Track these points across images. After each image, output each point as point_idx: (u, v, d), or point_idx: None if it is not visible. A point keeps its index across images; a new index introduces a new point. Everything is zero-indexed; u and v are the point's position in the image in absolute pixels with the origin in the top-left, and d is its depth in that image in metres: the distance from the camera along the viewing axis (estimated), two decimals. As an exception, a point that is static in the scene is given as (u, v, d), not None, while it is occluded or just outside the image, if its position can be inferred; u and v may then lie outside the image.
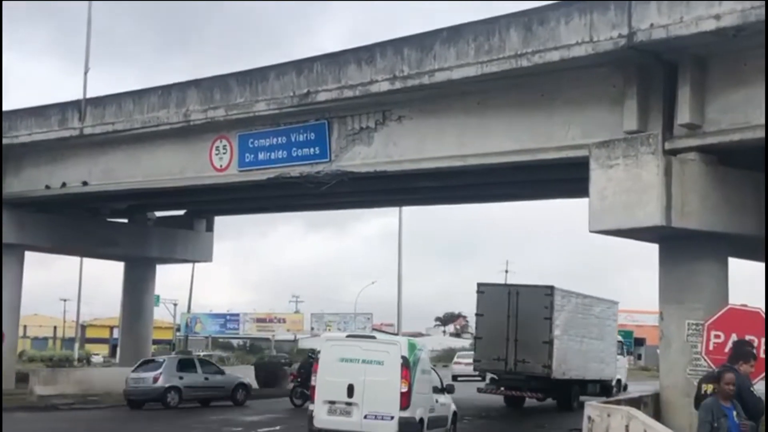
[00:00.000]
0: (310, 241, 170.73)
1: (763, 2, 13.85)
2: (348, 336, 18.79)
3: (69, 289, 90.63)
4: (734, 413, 8.95)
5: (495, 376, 28.69)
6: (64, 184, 27.11)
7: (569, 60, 16.39)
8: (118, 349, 39.70)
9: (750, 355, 10.59)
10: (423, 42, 18.61)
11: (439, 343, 77.92)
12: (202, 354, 51.02)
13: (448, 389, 18.76)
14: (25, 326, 41.10)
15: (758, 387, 11.20)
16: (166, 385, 27.67)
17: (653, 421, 14.35)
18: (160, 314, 54.07)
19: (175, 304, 70.82)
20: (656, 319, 18.51)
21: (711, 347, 12.91)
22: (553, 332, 26.61)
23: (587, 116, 17.38)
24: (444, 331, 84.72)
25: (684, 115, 15.85)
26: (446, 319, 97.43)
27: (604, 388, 30.66)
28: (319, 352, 17.77)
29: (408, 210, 49.58)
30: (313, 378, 16.35)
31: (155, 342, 42.06)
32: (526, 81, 17.74)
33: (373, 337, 18.48)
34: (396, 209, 48.82)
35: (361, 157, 20.73)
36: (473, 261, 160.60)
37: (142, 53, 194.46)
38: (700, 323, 14.44)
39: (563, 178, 21.24)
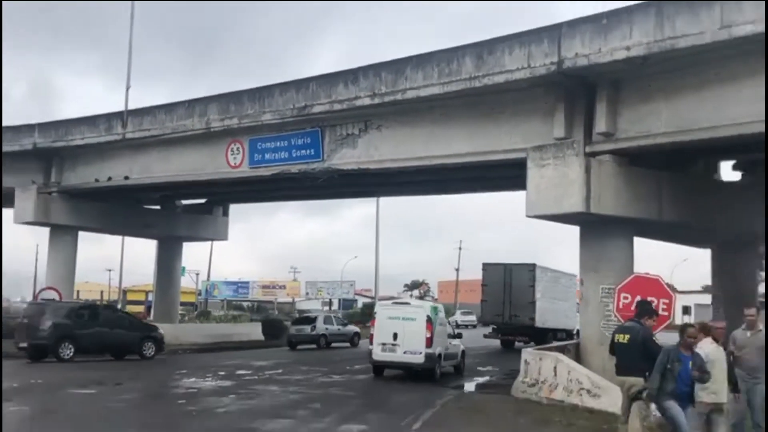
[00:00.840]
0: (307, 224, 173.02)
1: (664, 38, 14.22)
2: (393, 303, 23.66)
3: (113, 261, 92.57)
4: (690, 363, 8.80)
5: (495, 326, 32.95)
6: (109, 178, 27.22)
7: (512, 82, 16.63)
8: (152, 309, 39.87)
9: (652, 312, 10.92)
10: (397, 66, 18.84)
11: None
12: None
13: (458, 336, 22.27)
14: (78, 291, 41.04)
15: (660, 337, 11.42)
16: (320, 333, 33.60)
17: (575, 363, 14.86)
18: (185, 282, 54.34)
19: (198, 274, 71.39)
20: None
21: (620, 306, 13.18)
22: (535, 296, 30.84)
23: (526, 126, 17.59)
24: (411, 295, 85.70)
25: (601, 125, 16.20)
26: (412, 286, 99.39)
27: (568, 335, 32.17)
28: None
29: (384, 199, 50.87)
30: (371, 329, 20.35)
31: (181, 304, 42.21)
32: (479, 98, 17.90)
33: (409, 303, 22.47)
34: (375, 198, 49.93)
35: (347, 157, 20.97)
36: (435, 240, 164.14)
37: (172, 73, 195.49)
38: (611, 287, 14.88)
39: (508, 175, 21.47)
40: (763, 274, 24.17)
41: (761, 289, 24.21)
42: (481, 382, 20.39)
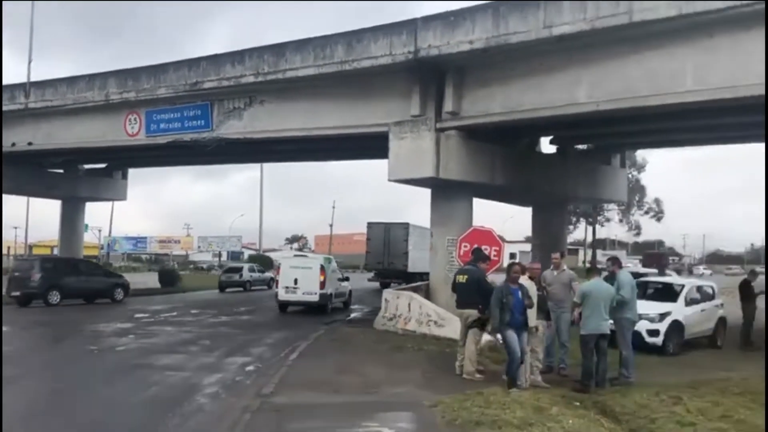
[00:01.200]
0: (199, 186, 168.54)
1: (499, 34, 14.70)
2: (294, 256, 26.21)
3: (19, 219, 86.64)
4: (519, 293, 9.24)
5: (376, 272, 34.40)
6: (13, 144, 25.18)
7: (377, 66, 16.66)
8: (57, 263, 37.72)
9: (486, 257, 11.45)
10: (278, 50, 18.41)
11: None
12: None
13: (346, 279, 24.29)
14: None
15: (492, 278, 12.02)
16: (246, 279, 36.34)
17: (425, 300, 15.35)
18: (89, 237, 51.45)
19: (100, 230, 68.08)
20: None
21: (461, 253, 13.73)
22: (408, 248, 32.46)
23: (389, 104, 17.64)
24: (291, 248, 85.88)
25: (448, 105, 16.49)
26: (292, 239, 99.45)
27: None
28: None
29: (268, 165, 50.66)
30: (276, 276, 22.73)
31: (85, 257, 40.04)
32: (351, 79, 17.72)
33: (306, 256, 25.41)
34: (259, 164, 49.74)
35: (234, 128, 20.38)
36: (313, 200, 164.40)
37: (76, 49, 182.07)
38: (455, 239, 15.44)
39: (375, 145, 21.69)
40: (571, 227, 25.87)
41: (586, 238, 25.73)
42: (352, 318, 20.73)
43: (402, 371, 10.46)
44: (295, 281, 20.79)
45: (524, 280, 9.59)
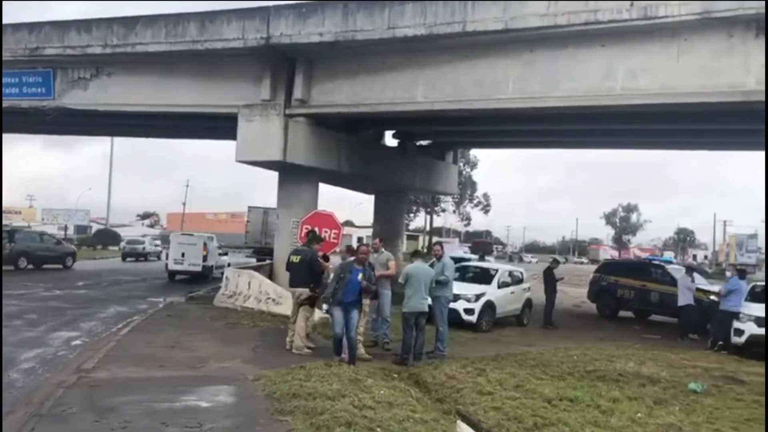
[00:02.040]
0: (46, 156, 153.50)
1: (347, 30, 14.65)
2: (182, 234, 26.99)
3: None
4: (360, 274, 9.12)
5: (254, 250, 33.52)
6: None
7: (229, 49, 15.95)
8: None
9: (319, 239, 11.30)
10: (128, 22, 17.00)
11: (142, 233, 74.28)
12: None
13: (225, 254, 27.84)
14: None
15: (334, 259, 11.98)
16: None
17: (265, 278, 15.03)
18: None
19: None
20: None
21: (303, 235, 13.49)
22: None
23: (240, 87, 16.99)
24: (143, 224, 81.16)
25: (297, 93, 16.22)
26: (144, 216, 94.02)
27: None
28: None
29: (121, 140, 47.27)
30: (168, 249, 25.35)
31: None
32: (203, 59, 16.83)
33: (192, 234, 26.26)
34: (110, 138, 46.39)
35: (78, 98, 18.60)
36: (166, 178, 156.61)
37: None
38: (299, 220, 15.25)
39: (228, 126, 20.87)
40: (411, 215, 26.61)
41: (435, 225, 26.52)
42: (193, 294, 19.76)
43: (233, 347, 10.15)
44: (183, 254, 23.85)
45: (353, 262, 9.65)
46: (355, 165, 18.84)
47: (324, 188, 23.28)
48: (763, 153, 18.30)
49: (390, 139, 22.67)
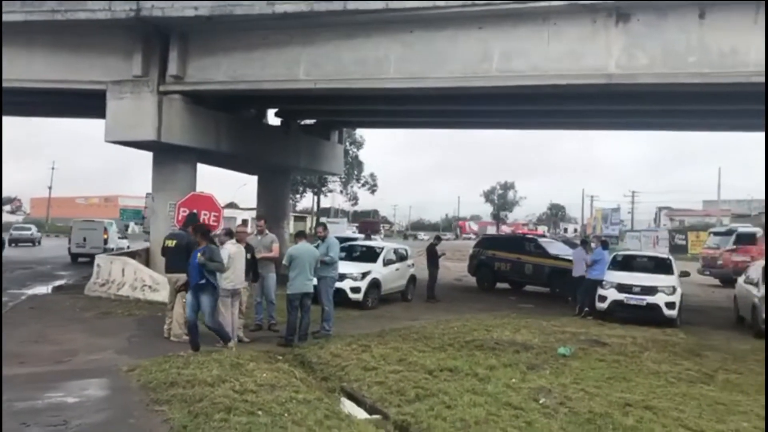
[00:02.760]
0: None
1: (225, 4, 14.08)
2: (83, 221, 28.39)
3: None
4: (199, 254, 8.65)
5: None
6: None
7: (94, 21, 14.81)
8: None
9: (197, 222, 10.89)
10: (-24, -13, 15.43)
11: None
12: None
13: (126, 237, 31.35)
14: None
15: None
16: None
17: (140, 264, 14.32)
18: None
19: None
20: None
21: (180, 218, 12.95)
22: None
23: (108, 62, 15.89)
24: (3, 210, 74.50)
25: (172, 69, 15.44)
26: (5, 201, 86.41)
27: None
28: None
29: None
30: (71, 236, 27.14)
31: None
32: (66, 31, 15.58)
33: (93, 221, 28.21)
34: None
35: None
36: (30, 160, 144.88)
37: None
38: (174, 203, 14.59)
39: (97, 104, 19.48)
40: (298, 196, 26.23)
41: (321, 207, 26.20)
42: (62, 284, 18.40)
43: (105, 338, 9.56)
44: (84, 239, 26.41)
45: (230, 244, 9.38)
46: (235, 145, 18.29)
47: (205, 169, 22.51)
48: (625, 131, 19.77)
49: (273, 119, 22.23)
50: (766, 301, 12.18)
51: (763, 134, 18.07)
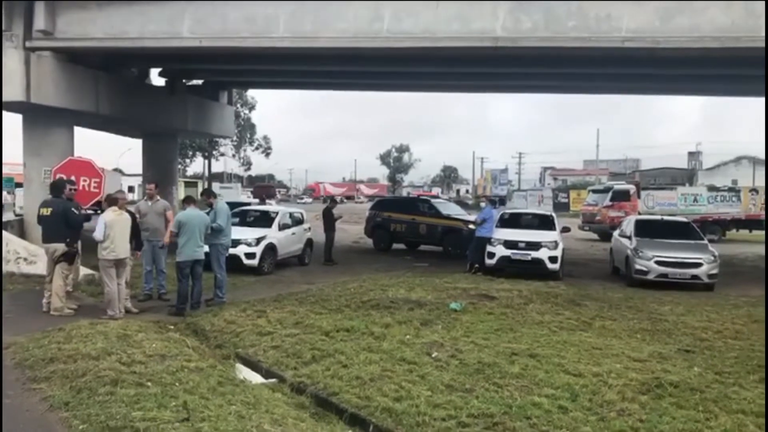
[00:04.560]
0: None
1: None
2: None
3: None
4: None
5: None
6: None
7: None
8: None
9: (63, 186, 9.99)
10: None
11: None
12: None
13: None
14: None
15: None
16: None
17: (13, 236, 13.27)
18: None
19: None
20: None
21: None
22: None
23: (-37, 13, 14.49)
24: None
25: (39, 23, 14.22)
26: None
27: None
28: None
29: None
30: None
31: None
32: None
33: None
34: None
35: None
36: None
37: None
38: (50, 169, 13.61)
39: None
40: (188, 161, 25.00)
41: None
42: None
43: (-26, 315, 8.83)
44: None
45: (109, 212, 8.90)
46: (116, 106, 17.20)
47: (85, 133, 21.09)
48: (513, 94, 20.48)
49: (157, 79, 21.06)
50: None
51: (631, 95, 19.33)
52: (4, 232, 13.15)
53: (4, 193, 53.02)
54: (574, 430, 5.14)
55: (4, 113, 16.21)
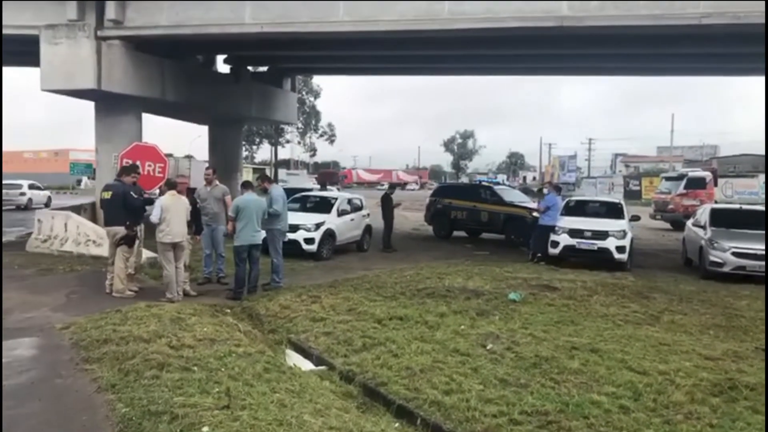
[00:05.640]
0: None
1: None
2: None
3: None
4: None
5: None
6: None
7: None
8: None
9: (129, 171, 10.19)
10: None
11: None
12: None
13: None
14: None
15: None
16: None
17: (83, 219, 13.75)
18: None
19: None
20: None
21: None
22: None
23: (41, 5, 14.97)
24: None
25: (110, 12, 14.62)
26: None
27: None
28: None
29: None
30: None
31: None
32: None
33: None
34: None
35: None
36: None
37: None
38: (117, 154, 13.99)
39: (27, 50, 18.39)
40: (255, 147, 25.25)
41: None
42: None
43: (43, 295, 9.13)
44: None
45: (168, 195, 8.99)
46: (182, 93, 17.53)
47: (159, 121, 21.66)
48: (582, 77, 19.63)
49: (222, 66, 21.37)
50: None
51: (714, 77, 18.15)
52: (75, 215, 13.68)
53: (84, 179, 55.03)
54: (635, 433, 4.76)
55: (79, 101, 16.88)
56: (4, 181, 43.29)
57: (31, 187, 31.38)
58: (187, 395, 4.71)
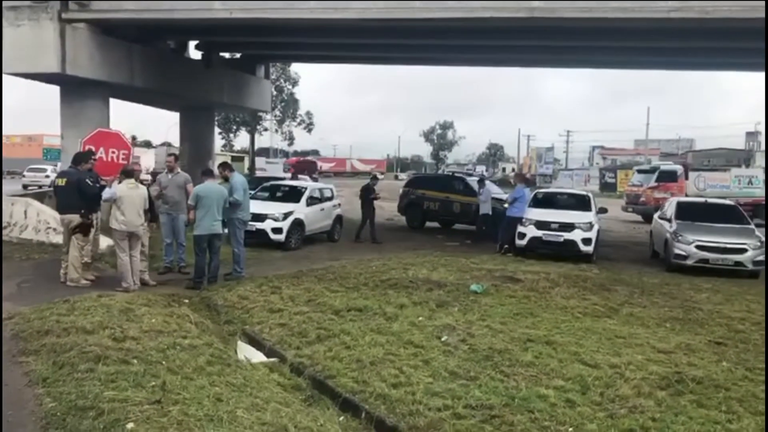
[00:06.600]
0: None
1: None
2: None
3: None
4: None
5: None
6: None
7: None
8: None
9: (83, 158, 9.92)
10: None
11: None
12: None
13: None
14: None
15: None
16: None
17: (43, 206, 13.32)
18: None
19: None
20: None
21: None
22: None
23: (2, -15, 14.61)
24: None
25: (75, -6, 14.29)
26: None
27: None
28: None
29: None
30: None
31: None
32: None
33: None
34: None
35: None
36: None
37: None
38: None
39: None
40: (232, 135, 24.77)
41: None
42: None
43: (-8, 284, 8.88)
44: None
45: (123, 184, 8.78)
46: (151, 79, 17.17)
47: (134, 107, 21.18)
48: (560, 69, 19.57)
49: (195, 52, 20.97)
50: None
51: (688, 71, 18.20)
52: (36, 202, 13.33)
53: (59, 164, 53.83)
54: (578, 427, 4.72)
55: (44, 85, 16.47)
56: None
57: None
58: (119, 389, 4.56)
